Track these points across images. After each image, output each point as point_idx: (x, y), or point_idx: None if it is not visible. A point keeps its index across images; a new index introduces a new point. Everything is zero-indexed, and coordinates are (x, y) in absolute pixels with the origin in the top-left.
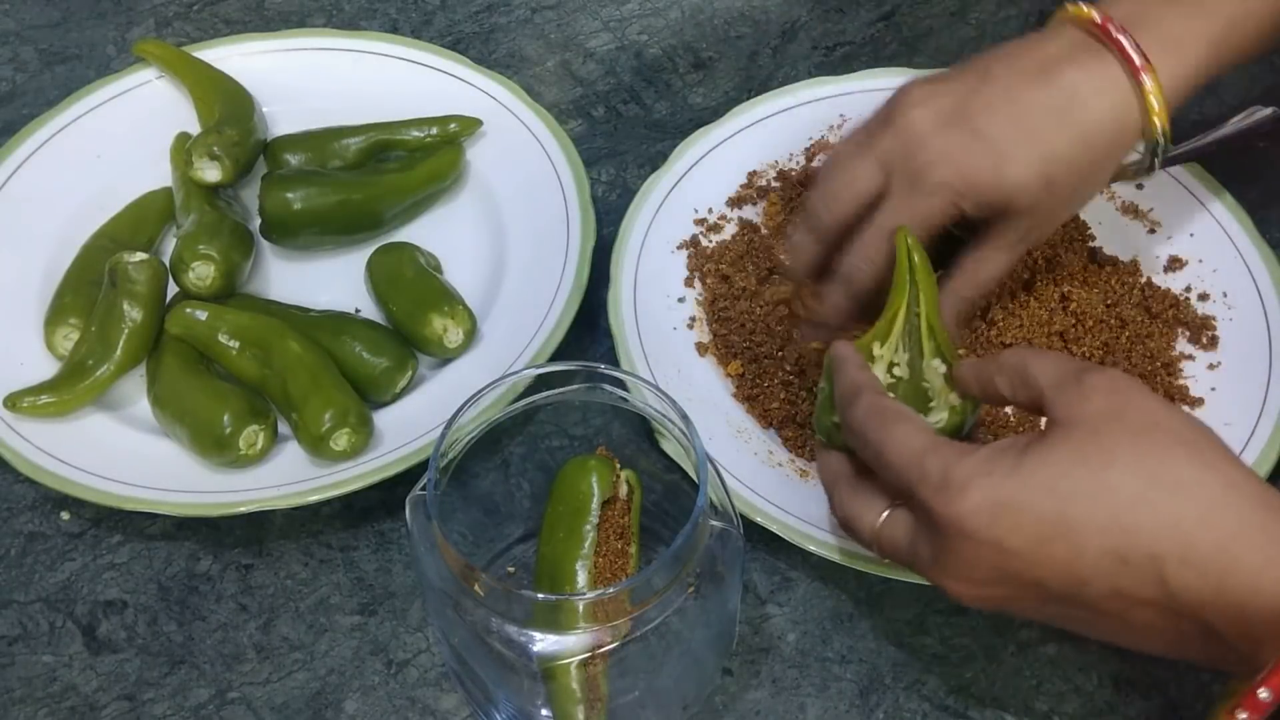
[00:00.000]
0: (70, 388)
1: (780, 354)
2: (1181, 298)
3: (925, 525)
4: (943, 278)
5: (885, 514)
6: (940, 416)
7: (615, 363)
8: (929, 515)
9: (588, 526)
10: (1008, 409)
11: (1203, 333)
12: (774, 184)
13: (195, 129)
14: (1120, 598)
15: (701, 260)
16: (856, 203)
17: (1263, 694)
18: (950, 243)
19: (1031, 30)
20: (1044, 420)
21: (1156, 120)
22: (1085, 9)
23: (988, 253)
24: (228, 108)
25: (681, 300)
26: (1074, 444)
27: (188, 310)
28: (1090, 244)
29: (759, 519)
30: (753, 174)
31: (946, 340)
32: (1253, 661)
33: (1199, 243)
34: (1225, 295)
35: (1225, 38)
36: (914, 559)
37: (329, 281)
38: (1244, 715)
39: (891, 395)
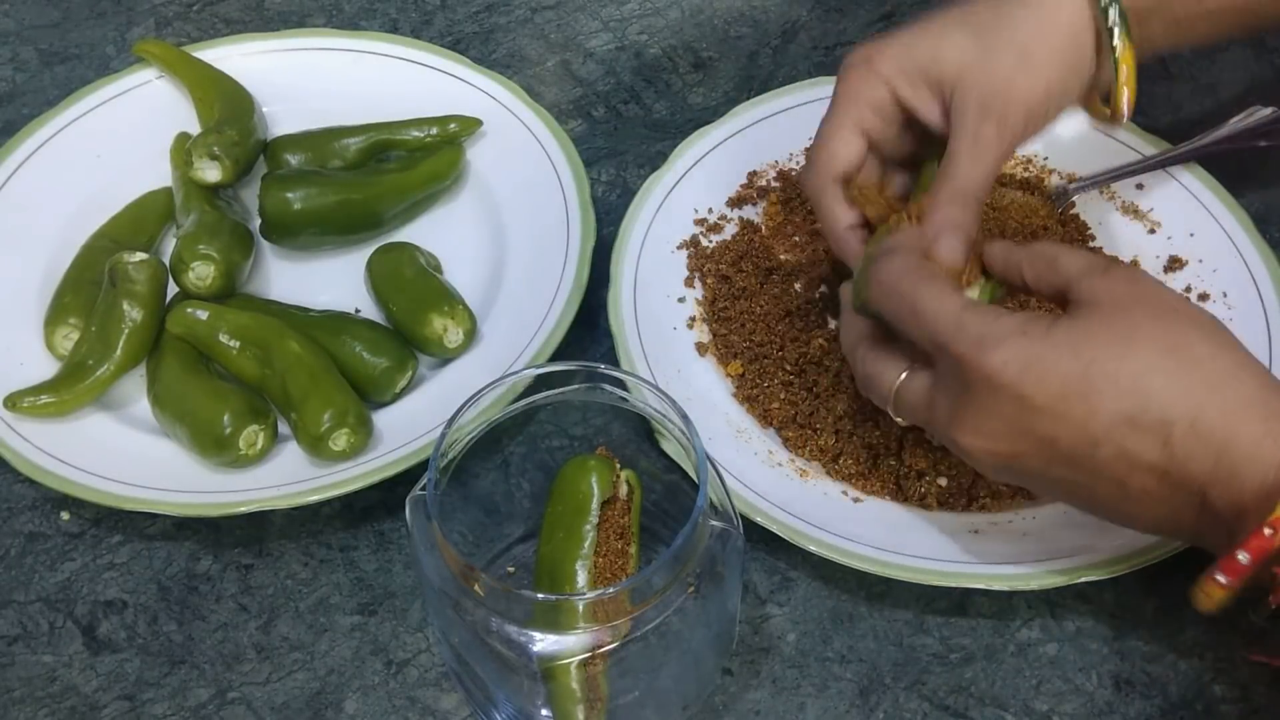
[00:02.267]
0: (70, 388)
1: (780, 354)
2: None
3: (950, 379)
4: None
5: (905, 373)
6: (978, 287)
7: (615, 363)
8: (959, 367)
9: (588, 526)
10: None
11: None
12: (774, 184)
13: (195, 129)
14: (1125, 460)
15: (701, 260)
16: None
17: (1241, 557)
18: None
19: None
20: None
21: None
22: None
23: (951, 135)
24: (228, 108)
25: (681, 300)
26: (1101, 317)
27: (188, 310)
28: (1090, 244)
29: (759, 519)
30: (753, 174)
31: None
32: (1235, 532)
33: (1199, 243)
34: (1225, 295)
35: None
36: (930, 413)
37: (329, 281)
38: (1224, 578)
39: None
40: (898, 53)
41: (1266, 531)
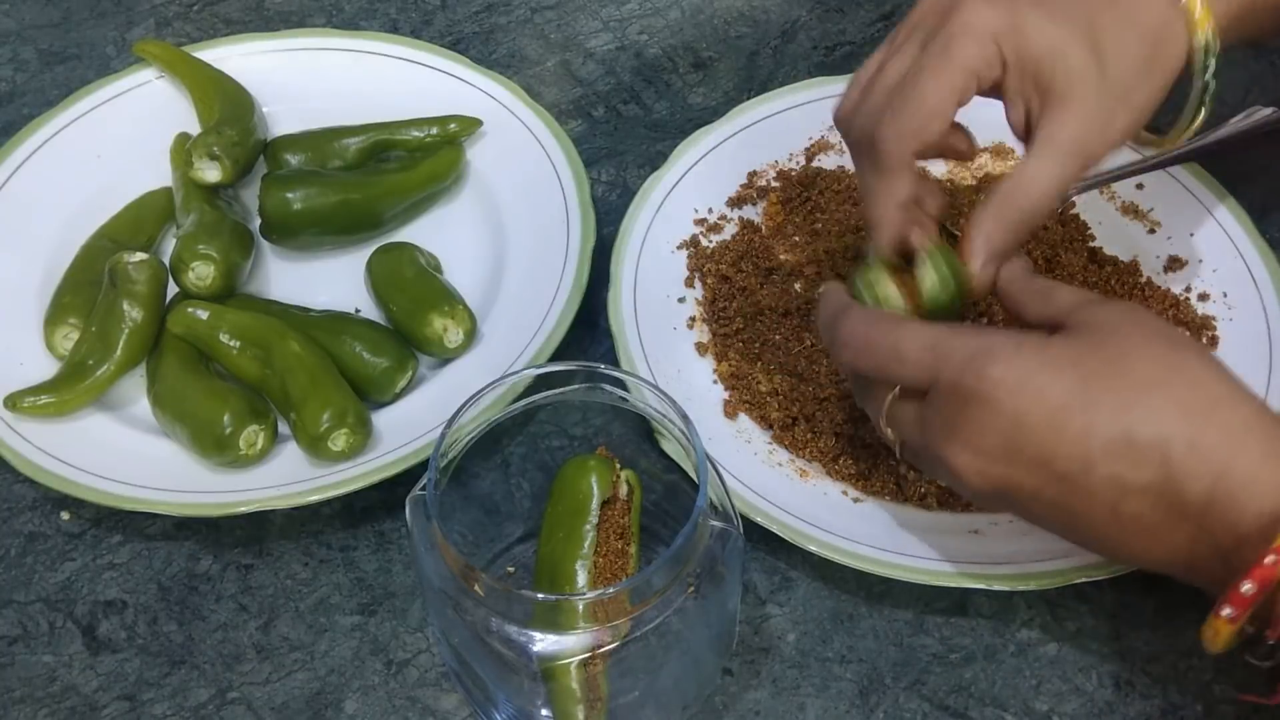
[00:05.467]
0: (70, 388)
1: (780, 354)
2: (1181, 298)
3: (943, 402)
4: (992, 190)
5: (895, 392)
6: (931, 279)
7: (615, 363)
8: (954, 389)
9: (588, 526)
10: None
11: (1203, 333)
12: (774, 184)
13: (195, 129)
14: (1119, 483)
15: (701, 260)
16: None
17: (1246, 588)
18: None
19: None
20: None
21: (1201, 31)
22: None
23: (1036, 153)
24: (228, 108)
25: (681, 300)
26: (1097, 336)
27: (189, 310)
28: (1090, 244)
29: (759, 519)
30: (753, 174)
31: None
32: (1231, 561)
33: (1199, 243)
34: (1225, 295)
35: None
36: (922, 431)
37: (329, 281)
38: (1229, 610)
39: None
40: (1020, 39)
41: (1269, 560)
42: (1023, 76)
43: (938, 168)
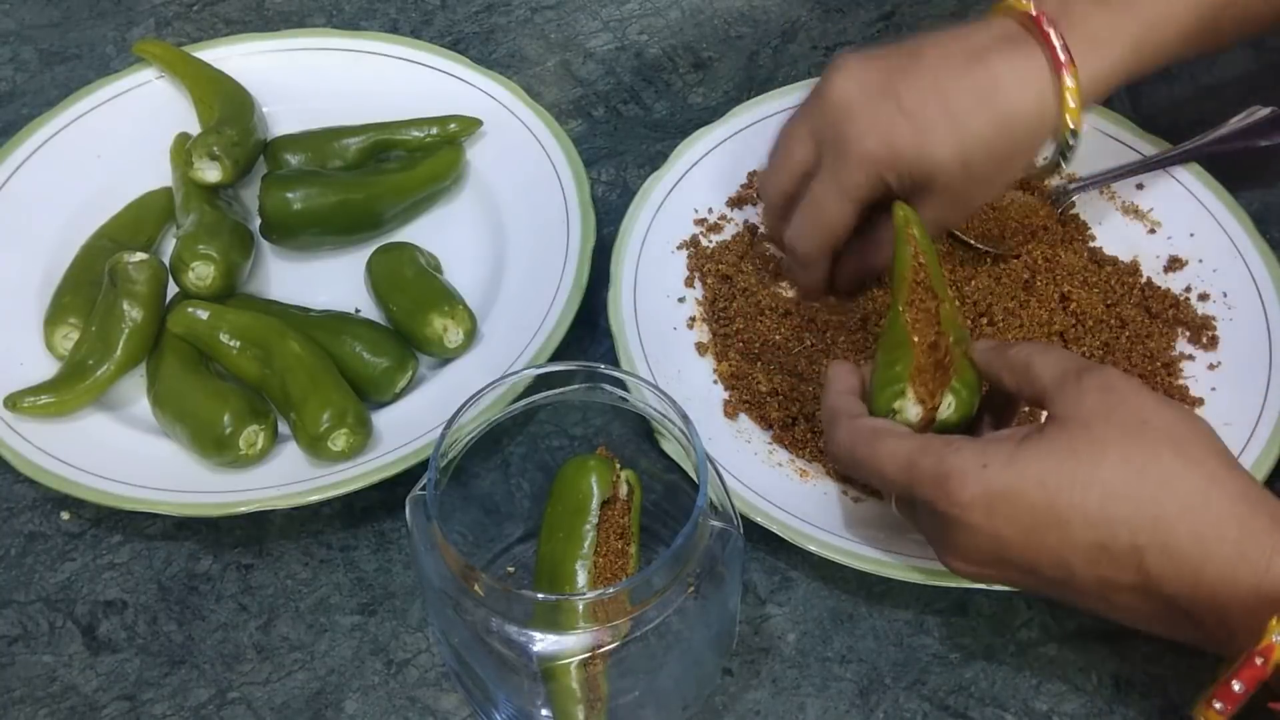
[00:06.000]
0: (70, 388)
1: (780, 354)
2: (1181, 298)
3: (927, 514)
4: (857, 247)
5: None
6: (949, 401)
7: (615, 363)
8: (931, 507)
9: (588, 526)
10: None
11: (1203, 333)
12: None
13: (195, 129)
14: (1104, 583)
15: (701, 260)
16: (794, 175)
17: (1235, 686)
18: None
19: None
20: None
21: (1069, 118)
22: (1023, 1)
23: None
24: (228, 108)
25: (681, 300)
26: (1067, 439)
27: (189, 309)
28: (1090, 244)
29: (759, 519)
30: (753, 174)
31: (953, 317)
32: (1228, 647)
33: (1199, 243)
34: (1225, 295)
35: (1147, 39)
36: (923, 533)
37: (329, 281)
38: (1219, 705)
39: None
40: (898, 161)
41: (1258, 660)
42: (900, 182)
43: None
